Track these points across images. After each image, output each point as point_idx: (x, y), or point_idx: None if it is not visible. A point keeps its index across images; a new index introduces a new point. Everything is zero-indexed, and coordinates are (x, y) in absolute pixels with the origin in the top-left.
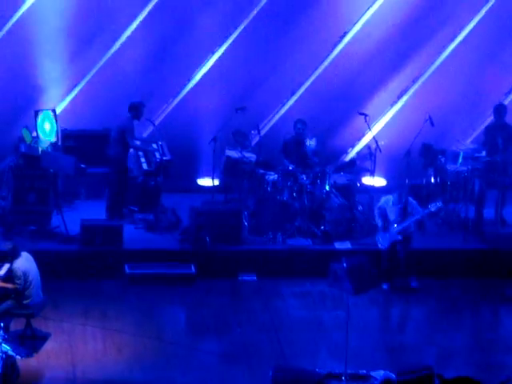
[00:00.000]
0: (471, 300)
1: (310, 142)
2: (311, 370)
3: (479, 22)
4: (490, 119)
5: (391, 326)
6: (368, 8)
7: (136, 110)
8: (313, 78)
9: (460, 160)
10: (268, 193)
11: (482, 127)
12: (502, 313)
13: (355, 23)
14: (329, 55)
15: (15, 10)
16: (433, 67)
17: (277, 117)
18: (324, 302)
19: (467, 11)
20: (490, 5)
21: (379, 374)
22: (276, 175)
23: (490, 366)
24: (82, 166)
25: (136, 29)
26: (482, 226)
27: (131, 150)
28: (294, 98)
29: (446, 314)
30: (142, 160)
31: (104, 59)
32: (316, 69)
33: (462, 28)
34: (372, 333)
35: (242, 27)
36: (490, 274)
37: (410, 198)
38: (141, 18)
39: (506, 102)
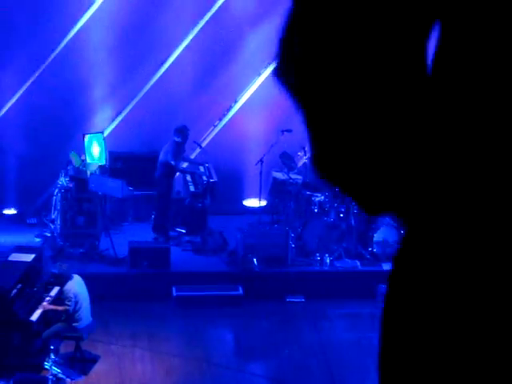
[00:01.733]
0: None
1: None
2: None
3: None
4: None
5: None
6: None
7: (181, 132)
8: None
9: None
10: (315, 214)
11: None
12: None
13: None
14: None
15: (64, 36)
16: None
17: None
18: (373, 323)
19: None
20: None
21: None
22: (323, 196)
23: None
24: (130, 188)
25: (182, 52)
26: None
27: (178, 173)
28: None
29: None
30: (189, 182)
31: (151, 82)
32: None
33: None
34: None
35: None
36: None
37: None
38: (187, 41)
39: None
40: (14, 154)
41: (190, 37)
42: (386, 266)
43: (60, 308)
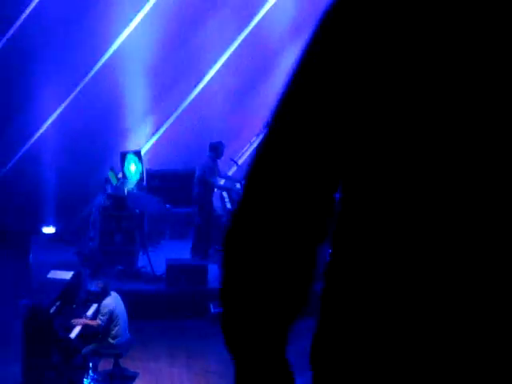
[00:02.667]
0: None
1: None
2: None
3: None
4: None
5: None
6: None
7: (216, 149)
8: None
9: None
10: None
11: None
12: None
13: None
14: None
15: (101, 55)
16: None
17: None
18: None
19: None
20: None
21: None
22: None
23: None
24: (167, 205)
25: (219, 70)
26: None
27: (215, 190)
28: None
29: None
30: (226, 199)
31: (188, 100)
32: None
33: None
34: None
35: None
36: None
37: None
38: (223, 59)
39: None
40: (53, 172)
41: (227, 55)
42: None
43: (94, 323)
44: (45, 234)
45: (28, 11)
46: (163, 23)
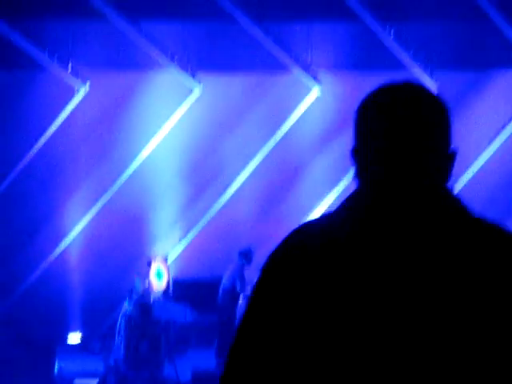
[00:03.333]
0: None
1: None
2: None
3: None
4: None
5: None
6: (480, 155)
7: (246, 256)
8: None
9: None
10: None
11: None
12: None
13: (470, 166)
14: None
15: (129, 163)
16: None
17: None
18: None
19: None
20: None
21: None
22: None
23: None
24: (194, 314)
25: (247, 178)
26: None
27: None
28: None
29: None
30: None
31: (215, 207)
32: None
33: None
34: None
35: (350, 176)
36: None
37: None
38: (252, 167)
39: None
40: (80, 279)
41: (255, 162)
42: None
43: None
44: (70, 345)
45: (57, 124)
46: (193, 131)
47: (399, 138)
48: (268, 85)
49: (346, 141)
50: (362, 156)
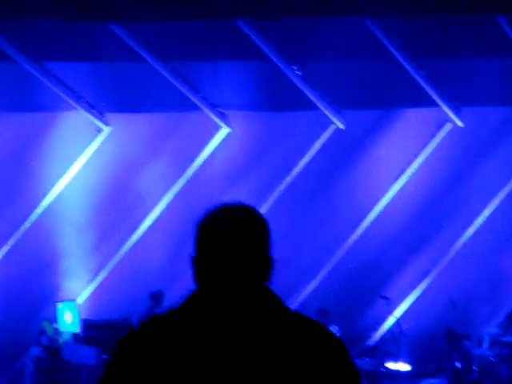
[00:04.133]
0: None
1: (333, 329)
2: None
3: (497, 206)
4: None
5: None
6: (386, 192)
7: (156, 299)
8: (333, 261)
9: (486, 345)
10: None
11: (506, 310)
12: None
13: (374, 207)
14: (348, 239)
15: (40, 202)
16: (453, 250)
17: (299, 300)
18: None
19: (485, 195)
20: (507, 189)
21: None
22: None
23: None
24: (105, 356)
25: (157, 217)
26: None
27: None
28: (316, 281)
29: None
30: None
31: (124, 249)
32: (336, 251)
33: (480, 212)
34: None
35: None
36: None
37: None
38: (162, 205)
39: None
40: None
41: (165, 201)
42: None
43: None
44: None
45: None
46: (102, 170)
47: (229, 250)
48: (177, 123)
49: (254, 179)
50: (200, 264)
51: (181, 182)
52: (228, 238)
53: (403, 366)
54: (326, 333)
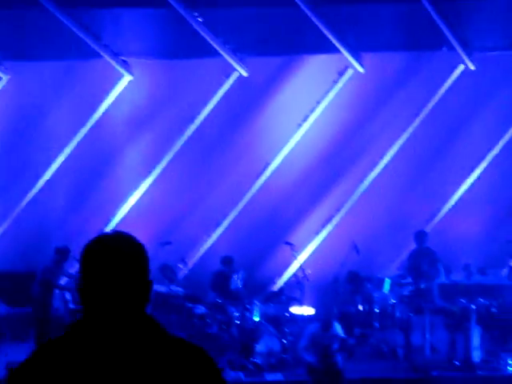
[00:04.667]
0: None
1: (238, 277)
2: None
3: (399, 150)
4: (413, 245)
5: None
6: (289, 139)
7: (61, 253)
8: (237, 209)
9: (387, 287)
10: (196, 326)
11: (407, 253)
12: None
13: (277, 155)
14: (252, 187)
15: None
16: (355, 195)
17: (203, 249)
18: None
19: (387, 140)
20: (408, 133)
21: None
22: (204, 308)
23: None
24: (6, 306)
25: (57, 168)
26: (411, 353)
27: (57, 290)
28: (220, 230)
29: None
30: (68, 299)
31: (26, 199)
32: (240, 201)
33: (382, 156)
34: None
35: (164, 163)
36: None
37: (337, 326)
38: (63, 156)
39: (428, 228)
40: None
41: (66, 151)
42: (270, 377)
43: None
44: None
45: None
46: (1, 120)
47: (108, 279)
48: (79, 71)
49: (157, 127)
50: (84, 292)
51: (84, 130)
52: (107, 267)
53: (307, 310)
54: (200, 355)
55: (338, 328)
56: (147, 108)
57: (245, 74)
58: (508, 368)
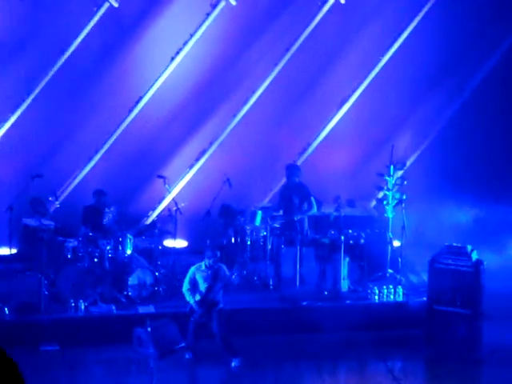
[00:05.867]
0: (274, 357)
1: (110, 210)
2: None
3: (270, 84)
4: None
5: None
6: (162, 72)
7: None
8: (110, 142)
9: (259, 219)
10: (68, 260)
11: (279, 186)
12: (303, 368)
13: (150, 88)
14: (124, 120)
15: None
16: (228, 129)
17: (75, 183)
18: (129, 368)
19: (259, 73)
20: (280, 67)
21: None
22: (76, 242)
23: None
24: None
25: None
26: (282, 284)
27: None
28: (92, 163)
29: (250, 372)
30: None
31: None
32: (113, 133)
33: (254, 90)
34: None
35: (33, 95)
36: (290, 331)
37: (223, 266)
38: None
39: (299, 162)
40: None
41: None
42: (142, 309)
43: None
44: None
45: None
46: None
47: None
48: None
49: (27, 59)
50: None
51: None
52: None
53: (180, 243)
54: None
55: (223, 266)
56: (14, 39)
57: (115, 4)
58: (374, 297)
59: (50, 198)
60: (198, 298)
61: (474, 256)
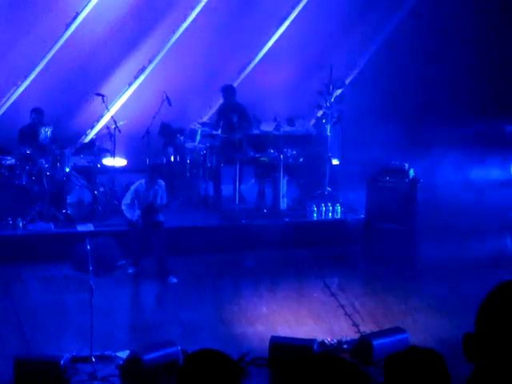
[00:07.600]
0: (213, 275)
1: (47, 130)
2: (54, 356)
3: (210, 0)
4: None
5: (136, 307)
6: None
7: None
8: (46, 60)
9: (198, 138)
10: (5, 178)
11: (218, 105)
12: (242, 285)
13: (87, 4)
14: (61, 37)
15: None
16: (167, 47)
17: (10, 101)
18: (68, 285)
19: None
20: None
21: (125, 353)
22: (13, 160)
23: (233, 338)
24: None
25: None
26: (221, 202)
27: None
28: (27, 82)
29: (190, 290)
30: None
31: None
32: (49, 50)
33: (193, 7)
34: (117, 314)
35: None
36: (229, 249)
37: (161, 182)
38: None
39: (239, 80)
40: None
41: None
42: (81, 227)
43: None
44: None
45: None
46: None
47: None
48: None
49: None
50: None
51: None
52: None
53: (119, 162)
54: None
55: (162, 185)
56: None
57: None
58: (313, 215)
59: None
60: (138, 213)
61: (411, 174)
